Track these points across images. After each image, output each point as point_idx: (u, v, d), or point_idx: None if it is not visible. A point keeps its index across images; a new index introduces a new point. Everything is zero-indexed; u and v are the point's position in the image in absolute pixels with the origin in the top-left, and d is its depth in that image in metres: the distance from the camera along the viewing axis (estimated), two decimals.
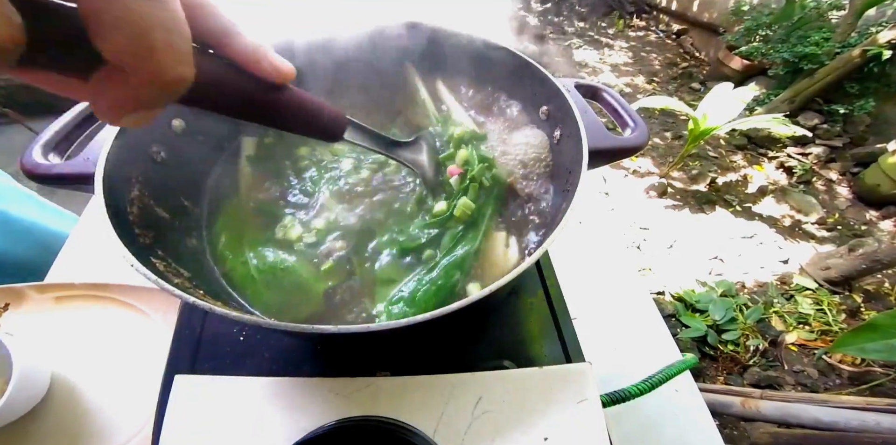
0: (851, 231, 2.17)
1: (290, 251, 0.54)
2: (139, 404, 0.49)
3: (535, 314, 0.58)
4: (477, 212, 0.54)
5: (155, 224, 0.49)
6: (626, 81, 3.37)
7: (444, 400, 0.41)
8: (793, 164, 2.51)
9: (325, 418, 0.39)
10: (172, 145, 0.54)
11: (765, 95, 2.87)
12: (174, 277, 0.43)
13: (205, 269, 0.54)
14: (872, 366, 1.55)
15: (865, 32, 2.53)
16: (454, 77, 0.73)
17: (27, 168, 0.43)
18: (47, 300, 0.57)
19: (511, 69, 0.62)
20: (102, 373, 0.52)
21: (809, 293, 1.85)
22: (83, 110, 0.49)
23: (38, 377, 0.48)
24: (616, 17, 4.31)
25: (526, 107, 0.64)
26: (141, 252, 0.39)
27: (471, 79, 0.71)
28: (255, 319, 0.32)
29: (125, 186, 0.46)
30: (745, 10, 3.18)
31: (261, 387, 0.42)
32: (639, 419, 0.54)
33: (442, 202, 0.54)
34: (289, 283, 0.50)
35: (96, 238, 0.71)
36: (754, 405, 1.29)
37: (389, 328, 0.31)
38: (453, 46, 0.66)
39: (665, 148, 2.71)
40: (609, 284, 0.70)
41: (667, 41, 4.01)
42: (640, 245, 2.09)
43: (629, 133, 0.51)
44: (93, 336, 0.55)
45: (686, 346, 1.63)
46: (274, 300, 0.49)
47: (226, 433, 0.39)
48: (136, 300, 0.57)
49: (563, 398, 0.42)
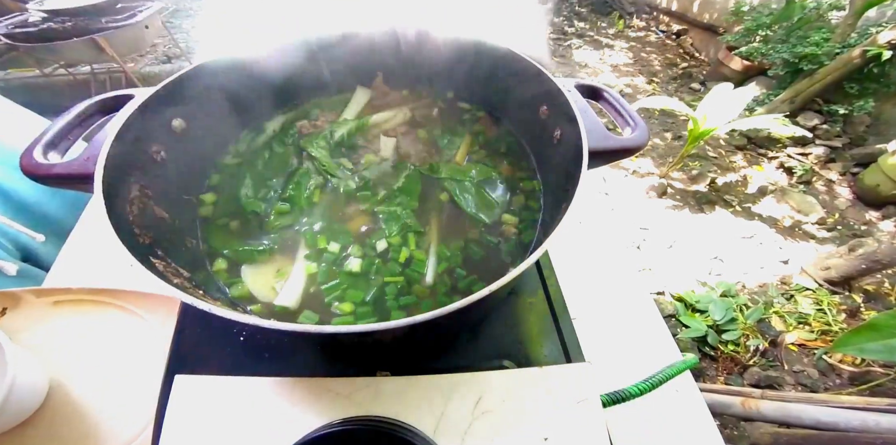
0: (851, 231, 2.17)
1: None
2: (138, 408, 0.49)
3: (535, 314, 0.58)
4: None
5: (155, 224, 0.49)
6: (626, 82, 3.36)
7: (444, 400, 0.41)
8: (793, 164, 2.51)
9: (325, 418, 0.39)
10: (172, 145, 0.54)
11: (764, 96, 2.87)
12: (174, 277, 0.43)
13: (204, 269, 0.54)
14: (872, 366, 1.55)
15: (865, 33, 2.53)
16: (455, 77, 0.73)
17: (27, 167, 0.43)
18: (45, 304, 0.56)
19: (511, 69, 0.62)
20: (101, 378, 0.52)
21: (809, 293, 1.85)
22: (83, 110, 0.49)
23: (36, 384, 0.48)
24: (616, 18, 4.32)
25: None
26: (141, 252, 0.39)
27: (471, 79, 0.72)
28: (255, 319, 0.32)
29: (125, 186, 0.46)
30: (745, 10, 3.18)
31: (261, 387, 0.42)
32: (639, 419, 0.54)
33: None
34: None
35: (96, 240, 0.71)
36: (754, 405, 1.28)
37: (389, 327, 0.31)
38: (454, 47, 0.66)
39: (665, 148, 2.71)
40: (609, 284, 0.70)
41: (667, 41, 4.01)
42: (640, 245, 2.09)
43: (629, 133, 0.51)
44: (91, 341, 0.54)
45: (686, 346, 1.63)
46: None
47: (226, 433, 0.39)
48: (133, 304, 0.57)
49: (563, 398, 0.42)
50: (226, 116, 0.64)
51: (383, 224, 0.58)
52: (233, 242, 0.57)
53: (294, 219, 0.60)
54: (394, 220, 0.58)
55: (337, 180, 0.64)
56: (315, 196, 0.62)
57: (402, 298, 0.52)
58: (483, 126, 0.73)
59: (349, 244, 0.56)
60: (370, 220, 0.60)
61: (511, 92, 0.68)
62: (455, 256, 0.56)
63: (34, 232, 0.76)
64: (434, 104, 0.77)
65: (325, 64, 0.70)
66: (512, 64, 0.61)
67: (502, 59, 0.62)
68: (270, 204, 0.61)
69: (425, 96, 0.78)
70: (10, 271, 0.70)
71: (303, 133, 0.70)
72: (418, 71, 0.73)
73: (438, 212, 0.62)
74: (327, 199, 0.63)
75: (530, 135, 0.68)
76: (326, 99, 0.76)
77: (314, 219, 0.60)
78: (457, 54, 0.66)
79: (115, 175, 0.43)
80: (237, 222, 0.59)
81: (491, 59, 0.63)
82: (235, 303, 0.52)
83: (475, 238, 0.59)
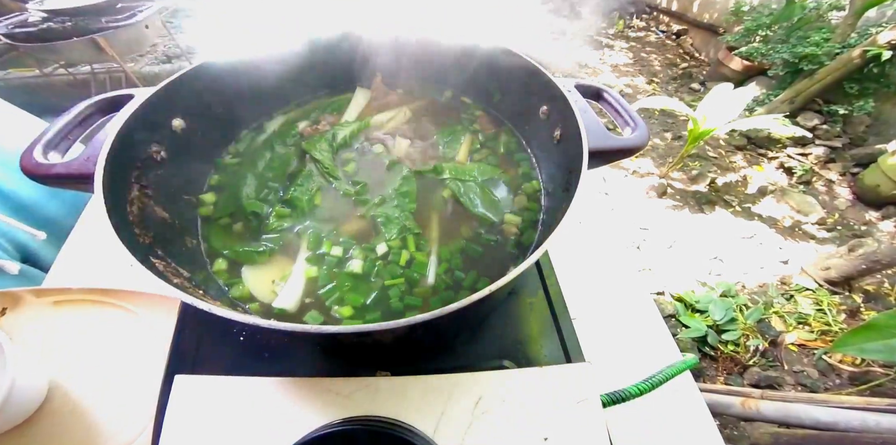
0: (851, 232, 2.17)
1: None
2: (138, 408, 0.49)
3: (535, 314, 0.58)
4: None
5: (155, 224, 0.49)
6: (627, 82, 3.36)
7: (444, 400, 0.41)
8: (793, 164, 2.51)
9: (325, 418, 0.39)
10: (172, 145, 0.54)
11: (764, 96, 2.87)
12: (174, 277, 0.43)
13: (204, 269, 0.54)
14: (872, 366, 1.54)
15: (865, 33, 2.53)
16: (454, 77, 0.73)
17: (27, 167, 0.43)
18: (45, 304, 0.56)
19: (511, 69, 0.62)
20: (100, 378, 0.52)
21: (809, 294, 1.85)
22: (83, 110, 0.49)
23: (35, 384, 0.48)
24: (616, 18, 4.31)
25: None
26: (141, 252, 0.39)
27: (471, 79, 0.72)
28: (255, 319, 0.32)
29: (125, 186, 0.46)
30: (745, 10, 3.18)
31: (261, 387, 0.42)
32: (639, 419, 0.54)
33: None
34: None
35: (96, 240, 0.71)
36: (754, 405, 1.28)
37: (389, 328, 0.31)
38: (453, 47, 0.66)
39: (665, 148, 2.71)
40: (609, 284, 0.70)
41: (667, 42, 4.00)
42: (640, 245, 2.09)
43: (629, 133, 0.51)
44: (90, 341, 0.54)
45: (686, 346, 1.63)
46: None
47: (226, 432, 0.39)
48: (133, 304, 0.57)
49: (563, 398, 0.42)
50: (226, 116, 0.65)
51: (383, 227, 0.58)
52: (233, 242, 0.57)
53: (295, 221, 0.60)
54: (393, 222, 0.58)
55: (339, 183, 0.64)
56: (317, 198, 0.62)
57: (406, 298, 0.52)
58: (483, 126, 0.73)
59: (350, 247, 0.56)
60: (370, 222, 0.59)
61: (511, 92, 0.68)
62: (455, 257, 0.56)
63: (35, 230, 0.75)
64: (434, 105, 0.77)
65: (324, 64, 0.70)
66: (512, 64, 0.61)
67: (502, 59, 0.62)
68: (271, 205, 0.61)
69: (425, 97, 0.78)
70: (12, 270, 0.70)
71: (304, 136, 0.70)
72: (418, 71, 0.73)
73: (439, 213, 0.62)
74: (329, 201, 0.63)
75: (530, 135, 0.68)
76: (326, 99, 0.76)
77: (315, 221, 0.60)
78: (457, 54, 0.66)
79: (115, 175, 0.43)
80: (237, 223, 0.59)
81: (491, 59, 0.63)
82: (235, 303, 0.52)
83: (476, 239, 0.58)
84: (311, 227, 0.59)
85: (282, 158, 0.66)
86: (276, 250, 0.56)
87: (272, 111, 0.73)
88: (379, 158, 0.68)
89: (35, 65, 2.41)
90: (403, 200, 0.61)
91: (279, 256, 0.56)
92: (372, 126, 0.72)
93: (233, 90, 0.62)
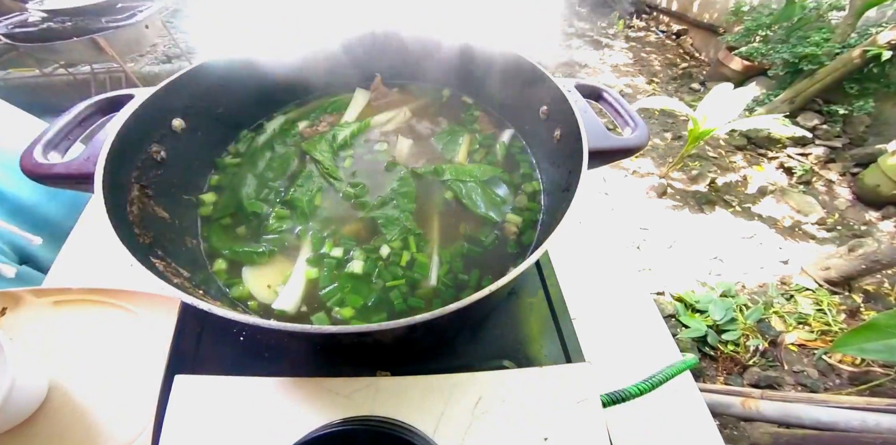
0: (851, 232, 2.17)
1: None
2: (138, 408, 0.49)
3: (535, 314, 0.58)
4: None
5: (155, 224, 0.49)
6: (626, 82, 3.36)
7: (444, 400, 0.41)
8: (793, 164, 2.51)
9: (325, 418, 0.39)
10: (172, 145, 0.54)
11: (764, 96, 2.87)
12: (174, 277, 0.43)
13: (204, 269, 0.54)
14: (872, 366, 1.54)
15: (865, 33, 2.53)
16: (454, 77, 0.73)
17: (27, 167, 0.43)
18: (45, 304, 0.56)
19: (511, 69, 0.62)
20: (100, 378, 0.52)
21: (809, 294, 1.85)
22: (83, 110, 0.49)
23: (35, 384, 0.48)
24: (616, 18, 4.32)
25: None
26: (141, 252, 0.39)
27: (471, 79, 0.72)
28: (255, 319, 0.32)
29: (125, 186, 0.46)
30: (745, 10, 3.18)
31: (261, 387, 0.42)
32: (639, 419, 0.54)
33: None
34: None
35: (95, 240, 0.71)
36: (754, 405, 1.28)
37: (388, 328, 0.31)
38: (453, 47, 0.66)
39: (665, 148, 2.71)
40: (609, 284, 0.70)
41: (667, 42, 4.00)
42: (640, 245, 2.09)
43: (629, 133, 0.51)
44: (90, 341, 0.54)
45: (686, 346, 1.63)
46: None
47: (226, 432, 0.39)
48: (133, 304, 0.57)
49: (563, 398, 0.42)
50: (226, 116, 0.64)
51: (383, 228, 0.58)
52: (233, 242, 0.57)
53: (295, 222, 0.60)
54: (393, 223, 0.58)
55: (339, 184, 0.64)
56: (317, 199, 0.62)
57: (409, 299, 0.51)
58: (483, 126, 0.73)
59: (351, 248, 0.56)
60: (371, 223, 0.59)
61: (511, 92, 0.68)
62: (456, 257, 0.56)
63: (31, 235, 0.75)
64: (434, 105, 0.77)
65: (324, 64, 0.70)
66: (512, 64, 0.61)
67: (502, 59, 0.62)
68: (271, 205, 0.61)
69: (425, 97, 0.78)
70: (8, 274, 0.70)
71: (304, 136, 0.70)
72: (417, 72, 0.73)
73: (439, 214, 0.62)
74: (329, 202, 0.62)
75: (530, 135, 0.68)
76: (327, 99, 0.76)
77: (316, 222, 0.59)
78: (456, 54, 0.66)
79: (115, 175, 0.43)
80: (238, 223, 0.59)
81: (490, 59, 0.63)
82: (235, 303, 0.52)
83: (477, 239, 0.58)
84: (311, 228, 0.59)
85: (282, 159, 0.66)
86: (276, 251, 0.56)
87: (272, 111, 0.73)
88: (379, 158, 0.68)
89: (35, 65, 2.41)
90: (403, 200, 0.61)
91: (279, 256, 0.56)
92: (372, 126, 0.72)
93: (233, 90, 0.62)
